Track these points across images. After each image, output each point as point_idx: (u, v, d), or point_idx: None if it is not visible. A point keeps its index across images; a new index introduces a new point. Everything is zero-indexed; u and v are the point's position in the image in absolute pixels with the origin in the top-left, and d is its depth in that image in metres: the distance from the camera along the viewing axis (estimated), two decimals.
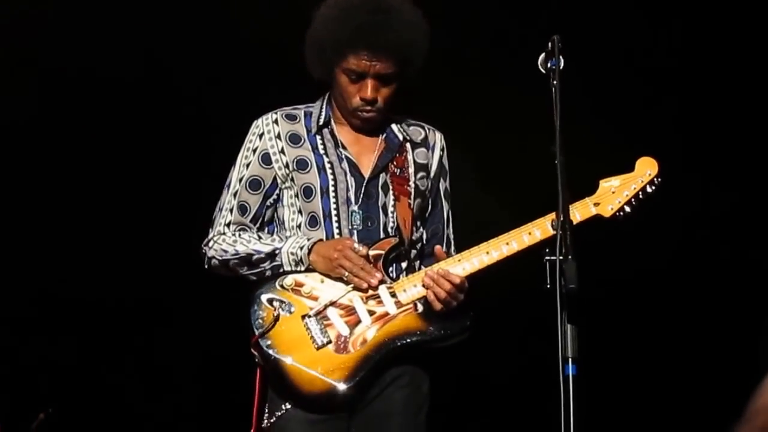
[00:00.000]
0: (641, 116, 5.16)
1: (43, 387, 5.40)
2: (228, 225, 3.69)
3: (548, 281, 3.07)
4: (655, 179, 3.62)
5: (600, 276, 3.50)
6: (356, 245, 3.50)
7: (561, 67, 3.17)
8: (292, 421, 3.49)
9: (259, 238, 3.64)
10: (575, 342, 3.00)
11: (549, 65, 3.20)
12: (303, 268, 3.55)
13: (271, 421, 3.52)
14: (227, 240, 3.65)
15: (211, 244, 3.71)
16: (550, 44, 3.22)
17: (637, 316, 5.30)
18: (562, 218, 3.03)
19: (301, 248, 3.54)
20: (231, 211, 3.69)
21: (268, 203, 3.69)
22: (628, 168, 3.65)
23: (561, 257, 3.01)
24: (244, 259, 3.63)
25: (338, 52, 3.57)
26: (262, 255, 3.59)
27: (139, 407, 5.58)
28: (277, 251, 3.57)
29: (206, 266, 3.76)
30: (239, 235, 3.66)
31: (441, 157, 3.81)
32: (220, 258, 3.67)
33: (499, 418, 5.40)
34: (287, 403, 3.50)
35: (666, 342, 5.36)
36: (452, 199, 3.87)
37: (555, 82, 3.16)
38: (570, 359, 2.99)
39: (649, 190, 3.61)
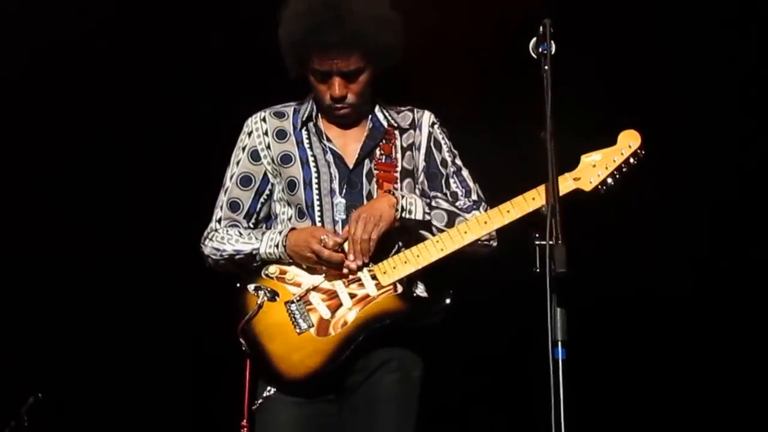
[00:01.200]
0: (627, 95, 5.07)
1: (33, 371, 5.38)
2: (219, 221, 3.68)
3: (537, 265, 2.98)
4: (639, 151, 3.53)
5: (590, 261, 3.51)
6: (324, 237, 3.45)
7: (552, 52, 3.10)
8: (278, 402, 3.48)
9: (240, 234, 3.62)
10: (564, 325, 2.92)
11: (540, 50, 3.13)
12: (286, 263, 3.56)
13: (258, 402, 3.51)
14: (217, 237, 3.65)
15: (206, 242, 3.69)
16: (541, 28, 3.13)
17: (626, 302, 5.21)
18: (552, 202, 2.95)
19: (276, 246, 3.53)
20: (222, 207, 3.69)
21: (261, 200, 3.69)
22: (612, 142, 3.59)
23: (551, 241, 2.93)
24: (229, 259, 3.63)
25: (301, 54, 3.53)
26: (243, 256, 3.60)
27: (129, 393, 5.53)
28: (255, 252, 3.58)
29: (206, 265, 3.74)
30: (227, 231, 3.64)
31: (431, 132, 3.75)
32: (213, 257, 3.66)
33: (488, 402, 5.31)
34: (269, 389, 3.48)
35: (657, 326, 5.26)
36: None
37: (546, 67, 3.08)
38: (559, 342, 2.91)
39: (632, 161, 3.52)
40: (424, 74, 4.81)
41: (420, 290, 3.63)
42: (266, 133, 3.69)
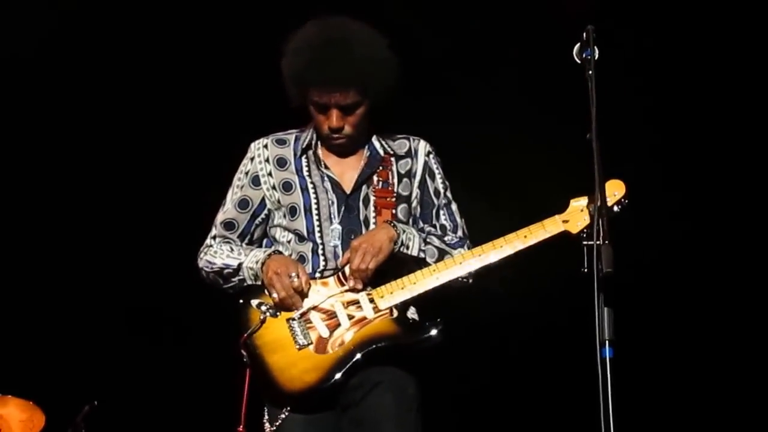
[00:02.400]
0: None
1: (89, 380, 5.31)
2: (214, 238, 3.75)
3: (585, 265, 3.01)
4: (623, 200, 3.55)
5: (636, 259, 3.56)
6: (293, 275, 3.50)
7: (596, 57, 3.13)
8: (291, 423, 3.51)
9: (231, 250, 3.69)
10: (612, 325, 2.91)
11: (584, 55, 3.17)
12: (260, 282, 3.58)
13: (272, 428, 3.54)
14: (210, 252, 3.72)
15: (201, 256, 3.75)
16: (585, 34, 3.17)
17: (673, 298, 5.17)
18: (599, 203, 2.96)
19: (257, 263, 3.59)
20: (217, 226, 3.76)
21: (256, 222, 3.74)
22: None
23: (598, 241, 2.95)
24: (218, 273, 3.69)
25: (301, 87, 3.59)
26: (230, 270, 3.66)
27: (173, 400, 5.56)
28: (241, 265, 3.63)
29: (200, 278, 3.79)
30: (220, 246, 3.71)
31: (426, 162, 3.79)
32: (206, 269, 3.73)
33: (537, 401, 5.24)
34: (285, 410, 3.51)
35: (704, 324, 5.22)
36: None
37: (590, 72, 3.11)
38: (607, 342, 2.90)
39: (615, 209, 3.53)
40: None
41: (414, 315, 3.67)
42: (267, 161, 3.73)
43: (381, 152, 3.79)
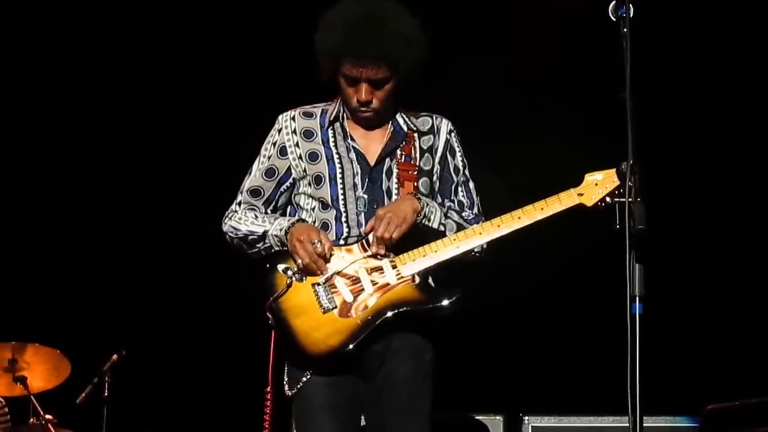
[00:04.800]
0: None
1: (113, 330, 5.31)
2: (239, 204, 3.75)
3: (617, 222, 3.02)
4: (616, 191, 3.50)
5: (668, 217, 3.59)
6: (315, 241, 3.54)
7: (631, 15, 3.12)
8: (311, 386, 3.54)
9: (256, 217, 3.70)
10: (642, 281, 2.89)
11: (619, 12, 3.14)
12: (286, 249, 3.61)
13: (293, 391, 3.61)
14: (235, 218, 3.72)
15: (226, 221, 3.75)
16: None
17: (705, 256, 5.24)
18: (631, 162, 2.96)
19: (281, 230, 3.61)
20: (243, 192, 3.77)
21: (281, 189, 3.75)
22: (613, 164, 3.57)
23: (630, 199, 2.96)
24: (243, 239, 3.68)
25: (334, 60, 3.59)
26: (255, 237, 3.65)
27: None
28: (266, 233, 3.64)
29: (225, 241, 3.79)
30: (245, 213, 3.72)
31: (448, 140, 3.81)
32: (230, 234, 3.73)
33: (567, 356, 5.24)
34: (307, 373, 3.53)
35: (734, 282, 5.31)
36: None
37: (625, 30, 3.08)
38: (637, 298, 2.88)
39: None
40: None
41: (435, 282, 3.68)
42: (294, 132, 3.74)
43: (405, 128, 3.81)
